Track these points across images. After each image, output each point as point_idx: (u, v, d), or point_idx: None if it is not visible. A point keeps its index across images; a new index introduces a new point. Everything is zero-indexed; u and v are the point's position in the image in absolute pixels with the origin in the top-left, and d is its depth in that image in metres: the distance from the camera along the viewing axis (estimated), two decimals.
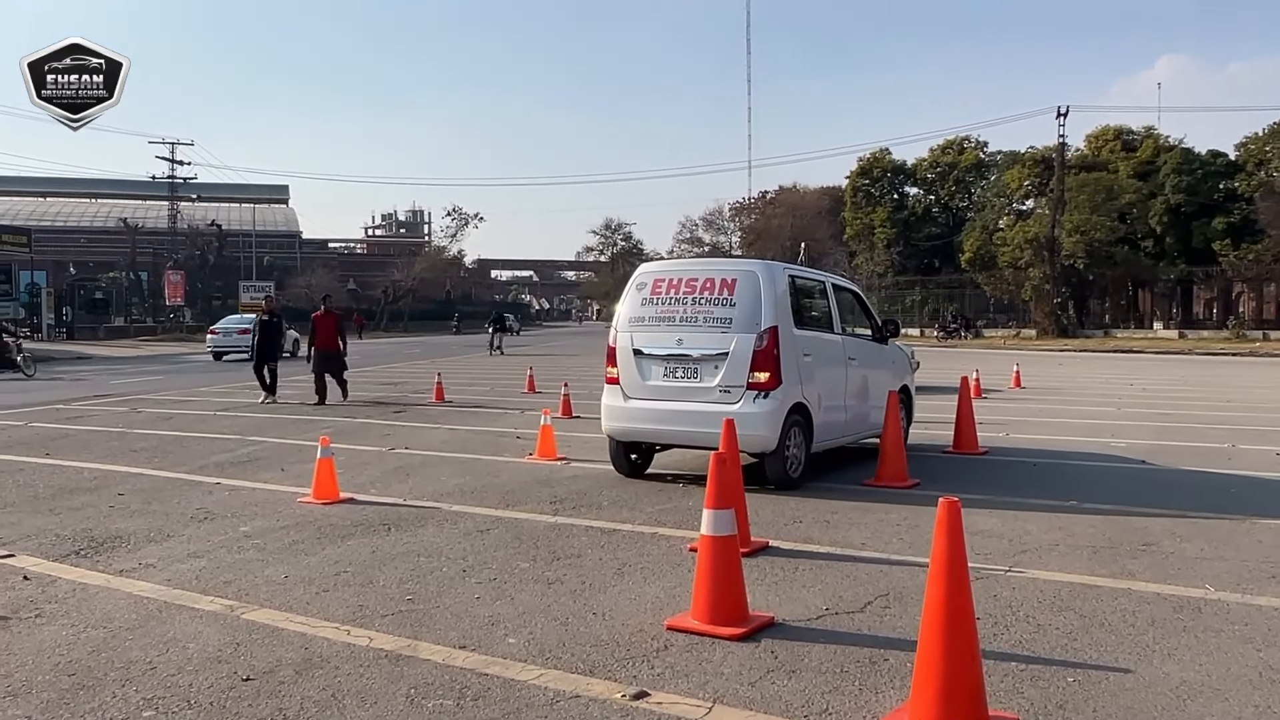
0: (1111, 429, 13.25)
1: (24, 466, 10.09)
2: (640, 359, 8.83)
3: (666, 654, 4.41)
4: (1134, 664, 4.27)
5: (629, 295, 9.15)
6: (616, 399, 8.97)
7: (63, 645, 4.56)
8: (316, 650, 4.46)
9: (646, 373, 8.80)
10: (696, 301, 8.61)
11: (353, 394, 18.09)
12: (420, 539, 6.76)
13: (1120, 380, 23.96)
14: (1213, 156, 57.43)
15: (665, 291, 8.84)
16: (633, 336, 8.91)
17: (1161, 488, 8.80)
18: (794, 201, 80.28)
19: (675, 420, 8.65)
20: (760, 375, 8.27)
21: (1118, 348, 45.12)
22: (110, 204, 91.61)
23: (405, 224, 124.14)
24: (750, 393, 8.29)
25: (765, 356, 8.27)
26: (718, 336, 8.44)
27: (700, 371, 8.54)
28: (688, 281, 8.78)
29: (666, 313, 8.76)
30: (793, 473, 8.56)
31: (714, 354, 8.44)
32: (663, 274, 9.12)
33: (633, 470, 9.28)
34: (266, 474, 9.60)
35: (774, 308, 8.40)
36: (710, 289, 8.60)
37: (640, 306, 8.96)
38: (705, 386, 8.48)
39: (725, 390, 8.37)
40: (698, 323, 8.57)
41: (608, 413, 9.04)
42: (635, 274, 9.42)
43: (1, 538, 6.84)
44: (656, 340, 8.75)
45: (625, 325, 9.00)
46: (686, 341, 8.59)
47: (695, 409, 8.47)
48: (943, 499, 3.68)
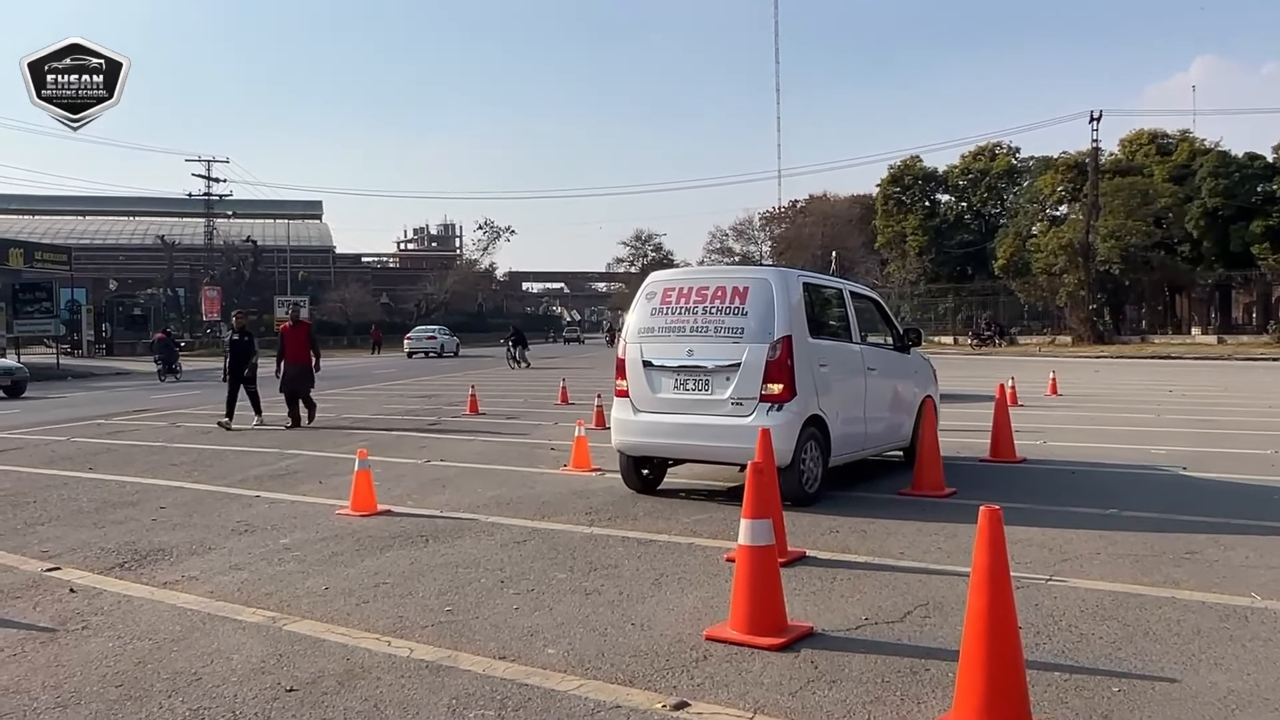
0: (1151, 436, 13.09)
1: (68, 481, 10.25)
2: (650, 371, 8.56)
3: (706, 664, 4.40)
4: (1180, 673, 4.22)
5: (638, 305, 8.91)
6: (626, 412, 8.71)
7: (110, 657, 4.63)
8: (358, 661, 4.50)
9: (656, 385, 8.53)
10: (707, 311, 8.35)
11: (387, 405, 18.22)
12: (458, 550, 6.80)
13: (1158, 387, 23.67)
14: (1250, 159, 56.68)
15: (675, 301, 8.58)
16: (642, 347, 8.64)
17: (1204, 495, 8.69)
18: (824, 210, 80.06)
19: (686, 434, 8.40)
20: (774, 387, 7.98)
21: (1155, 354, 44.57)
22: (148, 222, 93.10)
23: (437, 238, 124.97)
24: (763, 405, 7.99)
25: (779, 367, 7.97)
26: (729, 347, 8.18)
27: (712, 383, 8.25)
28: (698, 290, 8.52)
29: (677, 323, 8.49)
30: (809, 488, 8.19)
31: (726, 365, 8.17)
32: (673, 283, 8.86)
33: (644, 485, 9.01)
34: (305, 486, 9.69)
35: (788, 316, 8.11)
36: (722, 298, 8.34)
37: (650, 316, 8.72)
38: (717, 399, 8.20)
39: (737, 403, 8.09)
40: (709, 333, 8.31)
41: (617, 426, 8.82)
42: (645, 283, 9.16)
43: (48, 551, 6.96)
44: (666, 351, 8.49)
45: (634, 336, 8.76)
46: (697, 352, 8.31)
47: (707, 422, 8.23)
48: (984, 507, 3.65)
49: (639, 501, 8.59)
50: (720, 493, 8.95)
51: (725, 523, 7.30)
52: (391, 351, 57.75)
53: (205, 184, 75.05)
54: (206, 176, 74.85)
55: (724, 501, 8.48)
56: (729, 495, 8.71)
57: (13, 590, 5.89)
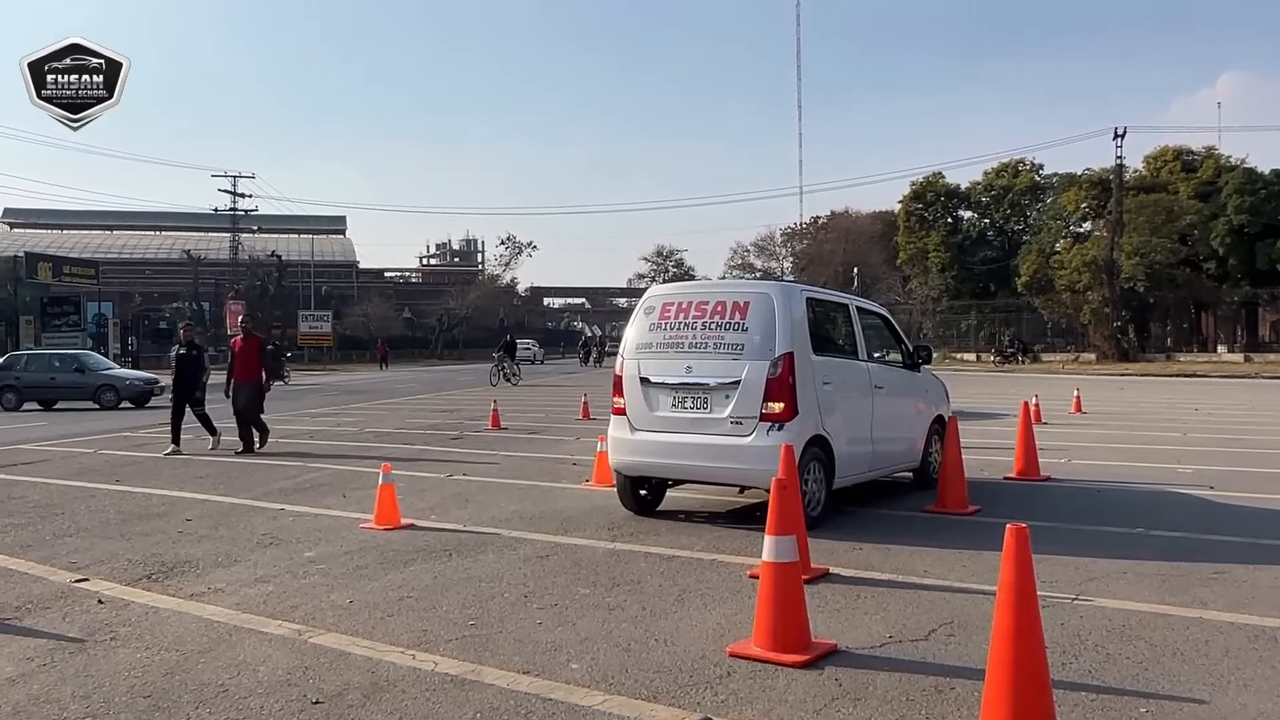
0: (1177, 455, 12.97)
1: (95, 493, 10.35)
2: (648, 388, 8.28)
3: (730, 680, 4.40)
4: (1209, 694, 4.18)
5: (636, 319, 8.66)
6: (623, 431, 8.44)
7: (138, 667, 4.67)
8: (383, 674, 4.52)
9: (654, 403, 8.25)
10: (707, 326, 8.08)
11: (410, 420, 18.28)
12: (481, 565, 6.82)
13: (1184, 405, 23.46)
14: (1276, 176, 56.15)
15: (674, 316, 8.31)
16: (640, 364, 8.37)
17: (1232, 515, 8.60)
18: (846, 226, 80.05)
19: (684, 454, 8.12)
20: (774, 406, 7.67)
21: (1181, 372, 44.16)
22: (174, 236, 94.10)
23: (459, 253, 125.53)
24: (763, 424, 7.69)
25: (779, 385, 7.67)
26: (729, 364, 7.89)
27: (711, 401, 7.97)
28: (698, 305, 8.25)
29: (675, 338, 8.22)
30: (811, 511, 7.69)
31: (725, 383, 7.88)
32: (672, 297, 8.59)
33: (642, 507, 8.72)
34: (329, 500, 9.75)
35: (790, 332, 7.82)
36: (721, 313, 8.07)
37: (648, 332, 8.44)
38: (716, 418, 7.90)
39: (737, 422, 7.79)
40: (708, 349, 8.03)
41: (614, 445, 8.53)
42: (644, 297, 8.90)
43: (76, 562, 7.03)
44: (665, 368, 8.21)
45: (632, 352, 8.49)
46: (696, 369, 8.03)
47: (705, 442, 7.96)
48: (1011, 526, 3.65)
49: (661, 518, 8.59)
50: (720, 514, 8.81)
51: (749, 539, 7.29)
52: (400, 366, 57.80)
53: (231, 199, 75.90)
54: (232, 192, 75.70)
55: (725, 524, 8.34)
56: (730, 518, 8.64)
57: (42, 601, 5.95)
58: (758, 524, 7.79)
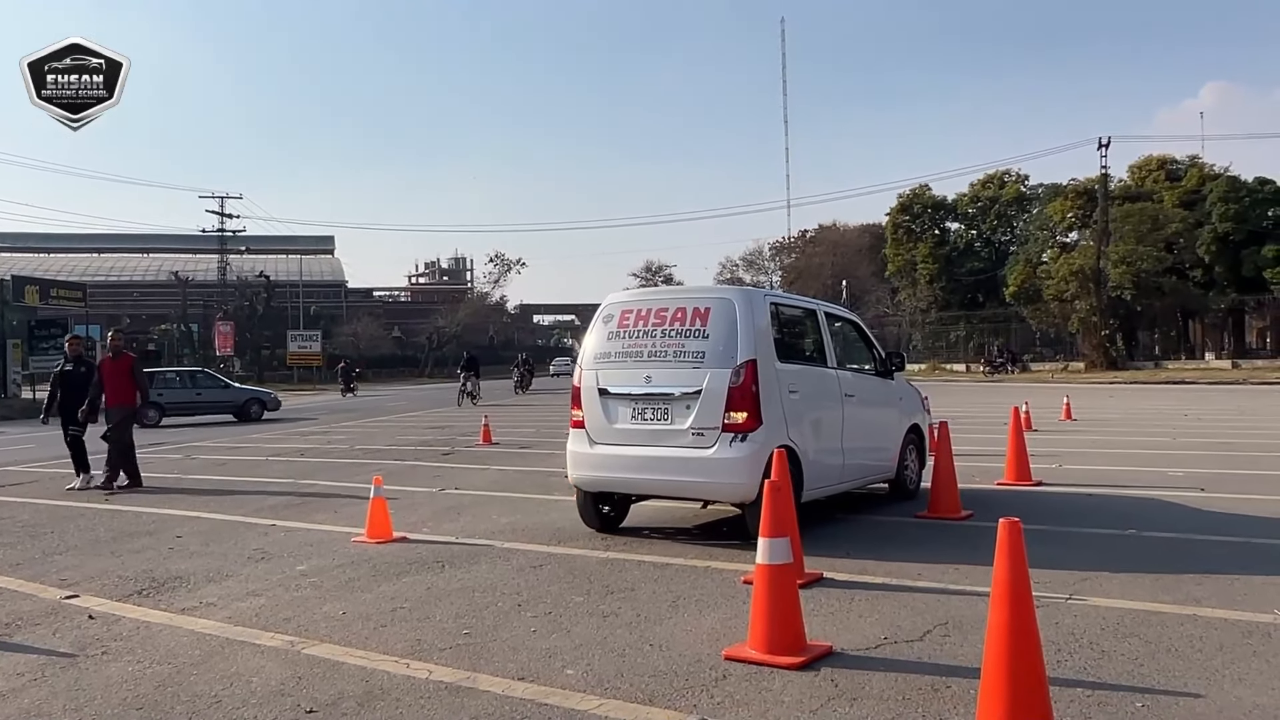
0: (1168, 459, 13.02)
1: (84, 512, 10.29)
2: (606, 399, 7.95)
3: (725, 683, 4.39)
4: (1204, 689, 4.19)
5: (595, 328, 8.29)
6: (582, 445, 8.09)
7: (130, 680, 4.63)
8: (377, 683, 4.50)
9: (613, 415, 7.91)
10: (666, 334, 7.75)
11: (400, 437, 18.20)
12: (474, 575, 6.80)
13: (1174, 411, 23.55)
14: (1260, 184, 56.59)
15: (633, 324, 7.97)
16: (598, 374, 8.04)
17: (1222, 515, 8.62)
18: (834, 239, 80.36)
19: (645, 468, 7.75)
20: (737, 415, 7.33)
21: (1169, 379, 44.37)
22: (162, 258, 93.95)
23: (448, 271, 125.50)
24: (726, 435, 7.35)
25: (742, 394, 7.34)
26: (689, 373, 7.55)
27: (671, 413, 7.62)
28: (657, 312, 7.91)
29: (634, 347, 7.90)
30: None
31: (686, 392, 7.53)
32: (631, 304, 8.21)
33: (604, 524, 8.36)
34: (320, 515, 9.71)
35: (752, 339, 7.49)
36: (681, 319, 7.73)
37: (606, 341, 8.11)
38: (677, 429, 7.56)
39: (698, 433, 7.45)
40: (667, 358, 7.70)
41: (573, 460, 8.17)
42: (603, 305, 8.50)
43: (66, 579, 6.98)
44: (623, 379, 7.88)
45: (591, 362, 8.15)
46: (656, 379, 7.69)
47: (666, 455, 7.60)
48: (1003, 519, 3.65)
49: (653, 526, 8.56)
50: (687, 530, 8.46)
51: (741, 546, 7.28)
52: (389, 385, 56.71)
53: (218, 220, 75.77)
54: (220, 213, 75.62)
55: (691, 540, 7.99)
56: (700, 533, 8.31)
57: (32, 617, 5.91)
58: (726, 538, 7.72)
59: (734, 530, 7.83)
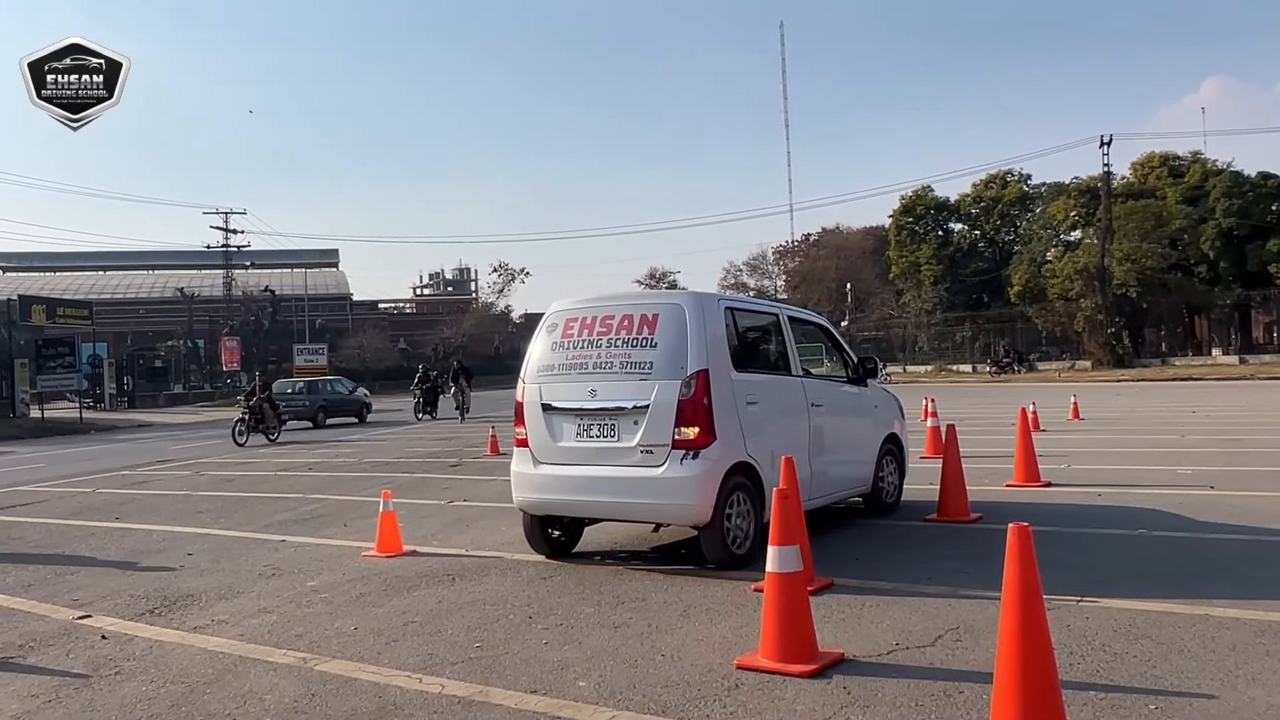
0: (1176, 456, 13.00)
1: (95, 531, 10.33)
2: (550, 415, 7.42)
3: (738, 692, 4.39)
4: (1217, 689, 4.18)
5: (539, 338, 7.78)
6: (525, 465, 7.56)
7: (144, 700, 4.65)
8: (390, 698, 4.51)
9: (557, 432, 7.39)
10: (612, 344, 7.24)
11: (408, 449, 18.18)
12: (485, 588, 6.81)
13: (1181, 408, 23.49)
14: (1263, 178, 56.49)
15: (578, 333, 7.46)
16: (541, 389, 7.50)
17: (1233, 513, 8.60)
18: (837, 243, 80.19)
19: (591, 489, 7.22)
20: (687, 431, 6.81)
21: (1176, 376, 44.27)
22: (167, 274, 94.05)
23: (453, 282, 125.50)
24: (676, 452, 6.83)
25: (693, 407, 6.82)
26: (636, 385, 7.04)
27: (618, 429, 7.10)
28: (603, 320, 7.39)
29: (578, 358, 7.39)
30: (737, 549, 6.98)
31: (633, 406, 7.02)
32: (576, 312, 7.68)
33: (554, 550, 7.82)
34: (330, 530, 9.73)
35: (704, 347, 6.98)
36: (628, 328, 7.22)
37: (550, 352, 7.59)
38: (624, 447, 7.03)
39: (647, 450, 6.92)
40: (613, 369, 7.18)
41: (516, 481, 7.62)
42: (546, 313, 7.98)
43: (78, 599, 7.01)
44: (567, 392, 7.36)
45: (534, 375, 7.62)
46: (601, 393, 7.18)
47: (613, 474, 7.10)
48: (1013, 525, 3.66)
49: (663, 535, 8.54)
50: (643, 554, 7.90)
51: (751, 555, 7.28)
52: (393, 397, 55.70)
53: (223, 235, 75.92)
54: (224, 228, 75.71)
55: (646, 565, 7.36)
56: (657, 557, 7.73)
57: (45, 639, 5.93)
58: (685, 562, 7.34)
59: (692, 554, 7.36)
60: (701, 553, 7.11)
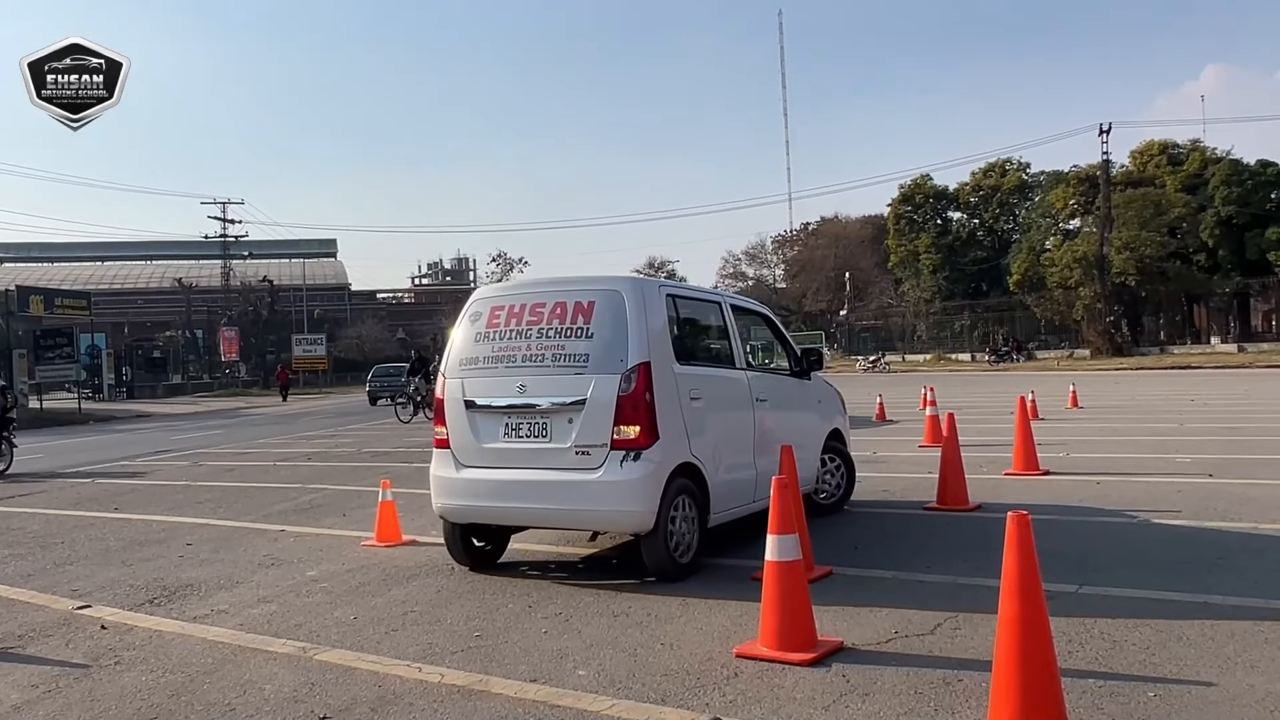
0: (1175, 445, 13.01)
1: (94, 521, 10.32)
2: (474, 414, 6.77)
3: (737, 681, 4.40)
4: (1216, 677, 4.19)
5: (460, 328, 7.13)
6: (446, 468, 6.90)
7: (143, 690, 4.65)
8: (390, 688, 4.51)
9: (482, 432, 6.75)
10: (544, 334, 6.60)
11: (408, 439, 18.12)
12: (484, 577, 6.81)
13: (1180, 397, 23.50)
14: (1262, 166, 56.45)
15: (505, 323, 6.81)
16: (464, 384, 6.85)
17: (1232, 501, 8.61)
18: (836, 232, 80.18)
19: (520, 495, 6.60)
20: (628, 430, 6.23)
21: (1175, 364, 44.29)
22: (165, 265, 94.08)
23: (451, 271, 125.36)
24: (615, 454, 6.25)
25: (634, 404, 6.23)
26: (571, 380, 6.42)
27: (550, 428, 6.48)
28: (533, 308, 6.73)
29: (506, 350, 6.73)
30: (680, 557, 6.45)
31: (567, 403, 6.42)
32: (503, 300, 7.05)
33: (477, 560, 7.15)
34: (329, 520, 9.73)
35: (645, 338, 6.39)
36: (561, 316, 6.58)
37: (474, 344, 6.93)
38: (557, 448, 6.43)
39: (583, 452, 6.33)
40: (544, 362, 6.55)
41: (436, 486, 6.98)
42: (469, 301, 7.34)
43: (78, 589, 7.01)
44: (493, 388, 6.72)
45: (455, 369, 6.96)
46: (531, 388, 6.54)
47: (545, 478, 6.48)
48: (1011, 513, 3.66)
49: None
50: (574, 563, 7.41)
51: (751, 544, 7.26)
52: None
53: (221, 226, 75.79)
54: (222, 218, 75.55)
55: (580, 578, 6.74)
56: (590, 567, 7.24)
57: (45, 629, 5.93)
58: (619, 574, 6.85)
59: (625, 563, 6.96)
60: (638, 562, 6.58)
